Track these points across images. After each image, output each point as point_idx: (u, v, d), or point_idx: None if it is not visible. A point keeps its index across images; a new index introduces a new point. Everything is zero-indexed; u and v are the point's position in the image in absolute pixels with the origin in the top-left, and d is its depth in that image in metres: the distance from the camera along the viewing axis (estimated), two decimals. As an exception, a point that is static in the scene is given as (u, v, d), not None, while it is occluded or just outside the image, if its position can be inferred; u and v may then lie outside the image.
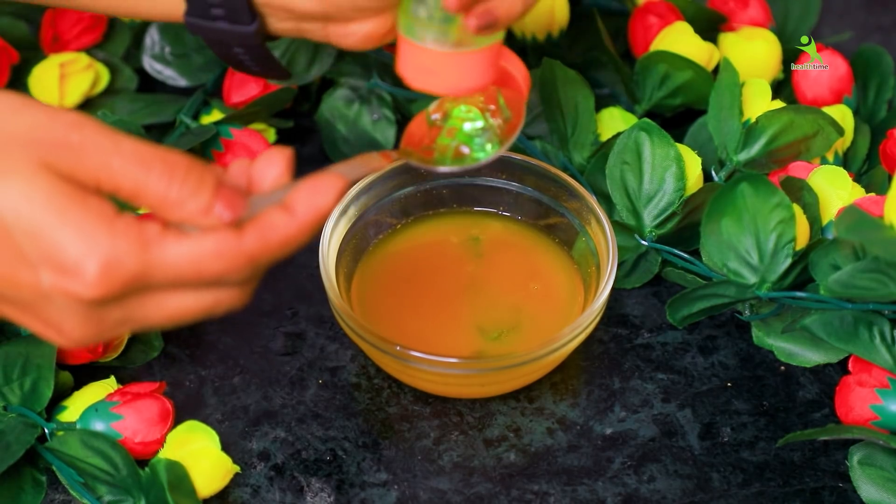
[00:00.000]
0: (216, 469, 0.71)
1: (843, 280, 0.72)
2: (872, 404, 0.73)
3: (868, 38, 0.97)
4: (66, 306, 0.56)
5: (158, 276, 0.56)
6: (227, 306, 0.59)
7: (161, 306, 0.58)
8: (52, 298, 0.56)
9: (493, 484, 0.73)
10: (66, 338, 0.58)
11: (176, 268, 0.56)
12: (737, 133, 0.81)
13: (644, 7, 0.88)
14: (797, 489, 0.73)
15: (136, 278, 0.55)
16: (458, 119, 0.71)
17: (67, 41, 0.90)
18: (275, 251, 0.58)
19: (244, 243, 0.57)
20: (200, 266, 0.56)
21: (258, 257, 0.57)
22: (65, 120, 0.56)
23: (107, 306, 0.56)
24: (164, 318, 0.58)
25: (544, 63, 0.83)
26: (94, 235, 0.55)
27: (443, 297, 0.78)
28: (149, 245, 0.55)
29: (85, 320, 0.57)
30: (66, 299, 0.56)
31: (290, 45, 0.88)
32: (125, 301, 0.57)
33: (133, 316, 0.57)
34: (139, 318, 0.58)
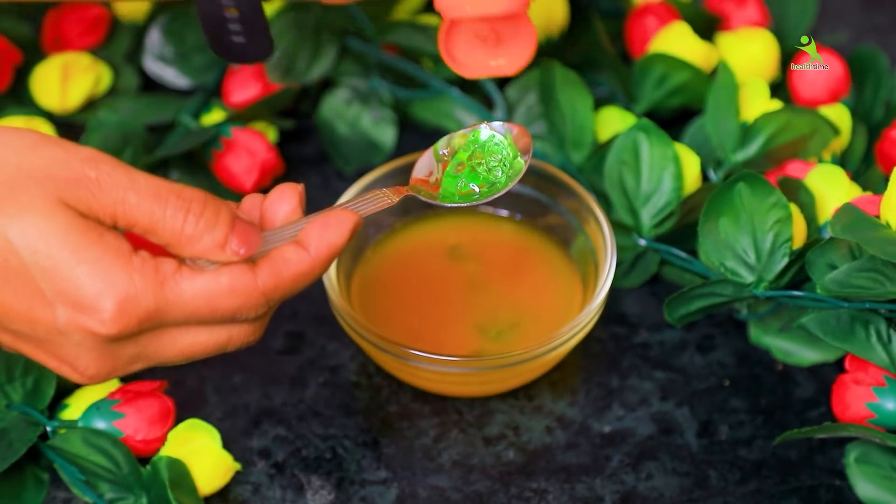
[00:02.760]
0: (217, 467, 0.71)
1: (840, 279, 0.72)
2: (869, 402, 0.73)
3: (864, 39, 0.98)
4: (81, 343, 0.56)
5: (174, 313, 0.56)
6: (240, 342, 0.59)
7: (175, 342, 0.58)
8: (68, 335, 0.56)
9: (493, 482, 0.73)
10: (81, 374, 0.58)
11: (191, 305, 0.56)
12: (734, 133, 0.81)
13: (642, 8, 0.88)
14: (794, 487, 0.73)
15: (151, 315, 0.56)
16: (465, 155, 0.71)
17: (69, 41, 0.90)
18: (288, 287, 0.58)
19: (258, 280, 0.57)
20: (215, 303, 0.56)
21: (272, 293, 0.58)
22: (81, 156, 0.56)
23: (122, 343, 0.57)
24: (177, 353, 0.58)
25: (543, 64, 0.83)
26: (111, 272, 0.55)
27: (442, 296, 0.78)
28: (165, 282, 0.56)
29: (100, 357, 0.57)
30: (81, 335, 0.56)
31: (290, 44, 0.88)
32: (140, 338, 0.57)
33: (147, 352, 0.58)
34: (152, 354, 0.58)
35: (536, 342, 0.72)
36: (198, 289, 0.56)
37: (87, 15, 0.90)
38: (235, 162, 0.84)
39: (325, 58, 0.88)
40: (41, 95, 0.88)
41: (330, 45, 0.88)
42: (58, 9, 0.91)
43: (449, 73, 0.88)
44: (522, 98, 0.87)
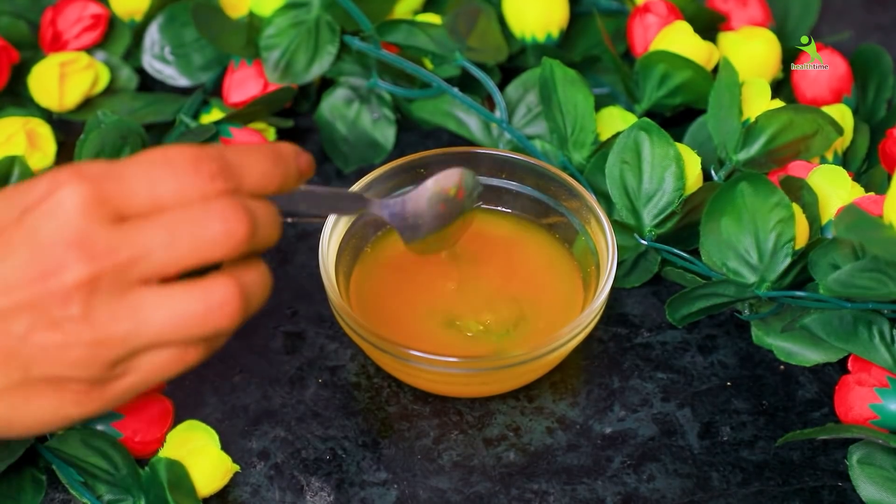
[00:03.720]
0: (216, 468, 0.71)
1: (843, 279, 0.72)
2: (872, 403, 0.73)
3: (867, 38, 0.97)
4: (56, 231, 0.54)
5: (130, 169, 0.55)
6: (220, 299, 0.56)
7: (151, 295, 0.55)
8: (39, 231, 0.54)
9: (493, 483, 0.73)
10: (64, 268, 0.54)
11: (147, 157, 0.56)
12: (736, 132, 0.81)
13: (643, 6, 0.88)
14: (796, 488, 0.73)
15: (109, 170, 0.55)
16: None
17: (67, 41, 0.90)
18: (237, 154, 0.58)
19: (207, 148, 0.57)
20: (169, 153, 0.56)
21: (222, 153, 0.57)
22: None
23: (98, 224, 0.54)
24: (163, 233, 0.55)
25: (544, 63, 0.83)
26: (60, 167, 0.56)
27: (442, 296, 0.78)
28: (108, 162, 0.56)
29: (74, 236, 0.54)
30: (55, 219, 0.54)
31: (290, 43, 0.88)
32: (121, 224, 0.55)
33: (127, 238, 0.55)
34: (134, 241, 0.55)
35: (537, 343, 0.72)
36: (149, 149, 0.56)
37: (85, 14, 0.90)
38: (234, 161, 0.83)
39: (324, 57, 0.88)
40: (39, 94, 0.88)
41: (329, 45, 0.88)
42: (56, 7, 0.90)
43: (449, 73, 0.88)
44: (523, 97, 0.87)
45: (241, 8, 0.91)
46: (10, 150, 0.83)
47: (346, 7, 0.87)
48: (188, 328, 0.56)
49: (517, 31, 0.91)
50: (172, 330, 0.56)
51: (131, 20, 0.93)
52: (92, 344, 0.55)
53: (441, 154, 0.81)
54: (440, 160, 0.80)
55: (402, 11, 0.91)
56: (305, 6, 0.89)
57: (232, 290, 0.56)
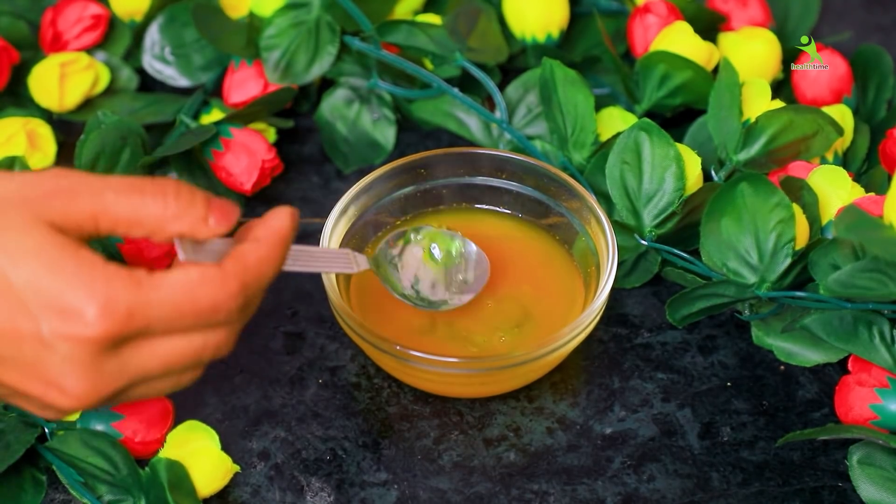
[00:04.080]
0: (216, 469, 0.71)
1: (843, 280, 0.72)
2: (872, 404, 0.73)
3: (867, 38, 0.97)
4: (67, 355, 0.57)
5: (156, 310, 0.58)
6: (215, 349, 0.60)
7: (155, 352, 0.59)
8: (54, 347, 0.57)
9: (493, 483, 0.73)
10: (67, 395, 0.58)
11: (173, 300, 0.58)
12: (736, 133, 0.81)
13: (644, 7, 0.88)
14: (797, 489, 0.73)
15: (133, 313, 0.57)
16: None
17: (67, 41, 0.90)
18: (254, 274, 0.60)
19: (226, 269, 0.59)
20: (193, 293, 0.58)
21: (242, 278, 0.59)
22: (51, 172, 0.58)
23: (106, 355, 0.57)
24: (158, 365, 0.59)
25: (544, 63, 0.83)
26: (90, 279, 0.56)
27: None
28: (141, 282, 0.57)
29: (85, 372, 0.57)
30: (68, 346, 0.57)
31: (290, 44, 0.88)
32: (122, 350, 0.58)
33: (129, 366, 0.58)
34: (135, 370, 0.59)
35: (537, 343, 0.72)
36: (173, 282, 0.58)
37: (85, 15, 0.90)
38: (235, 162, 0.84)
39: (324, 58, 0.88)
40: (39, 95, 0.88)
41: (330, 45, 0.88)
42: (56, 8, 0.90)
43: (449, 73, 0.88)
44: (523, 98, 0.87)
45: (241, 8, 0.91)
46: (11, 151, 0.83)
47: (347, 7, 0.87)
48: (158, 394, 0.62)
49: (517, 31, 0.91)
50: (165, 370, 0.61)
51: (131, 20, 0.93)
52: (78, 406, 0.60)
53: (441, 154, 0.81)
54: (440, 161, 0.81)
55: (402, 12, 0.91)
56: (306, 6, 0.89)
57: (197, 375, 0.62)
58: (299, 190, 0.88)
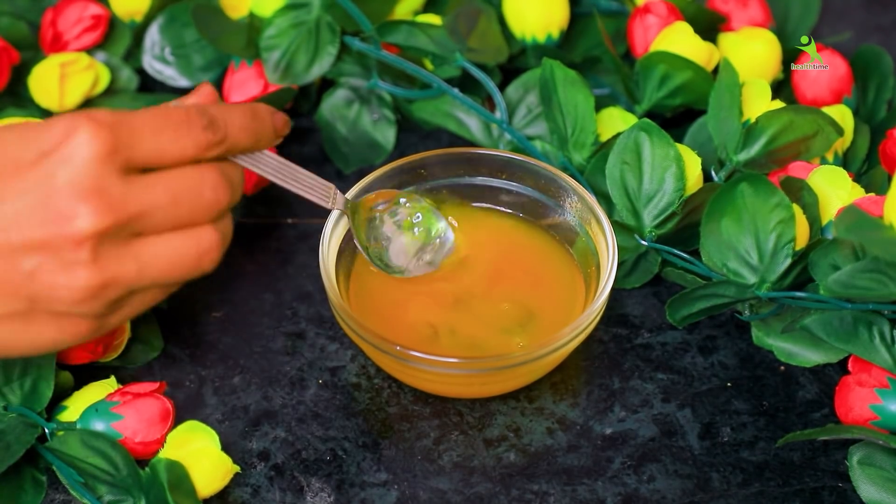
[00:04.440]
0: (216, 469, 0.71)
1: (843, 280, 0.72)
2: (872, 404, 0.73)
3: (867, 38, 0.97)
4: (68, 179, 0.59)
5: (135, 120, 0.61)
6: (212, 182, 0.63)
7: (158, 178, 0.62)
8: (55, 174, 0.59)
9: (493, 484, 0.73)
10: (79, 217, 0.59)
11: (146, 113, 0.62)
12: (736, 133, 0.81)
13: (644, 7, 0.88)
14: (797, 489, 0.73)
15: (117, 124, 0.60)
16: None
17: (68, 41, 0.90)
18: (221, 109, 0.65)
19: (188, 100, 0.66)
20: (165, 109, 0.62)
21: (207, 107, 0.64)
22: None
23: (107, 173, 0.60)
24: (163, 191, 0.62)
25: (544, 63, 0.83)
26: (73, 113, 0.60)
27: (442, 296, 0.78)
28: (116, 110, 0.61)
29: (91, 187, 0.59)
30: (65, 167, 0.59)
31: (290, 44, 0.88)
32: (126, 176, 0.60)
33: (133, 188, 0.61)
34: (140, 192, 0.61)
35: (537, 343, 0.72)
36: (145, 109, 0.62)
37: (85, 15, 0.90)
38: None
39: (324, 58, 0.88)
40: (39, 95, 0.88)
41: (330, 46, 0.88)
42: (56, 8, 0.90)
43: (449, 73, 0.88)
44: (523, 98, 0.87)
45: (241, 9, 0.91)
46: (11, 151, 0.83)
47: (347, 8, 0.87)
48: (182, 271, 0.64)
49: (517, 31, 0.91)
50: (169, 273, 0.64)
51: (132, 21, 0.93)
52: (98, 286, 0.61)
53: (441, 154, 0.81)
54: (440, 161, 0.81)
55: (402, 12, 0.91)
56: (306, 7, 0.89)
57: (217, 238, 0.65)
58: (299, 190, 0.88)
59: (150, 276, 0.63)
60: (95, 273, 0.61)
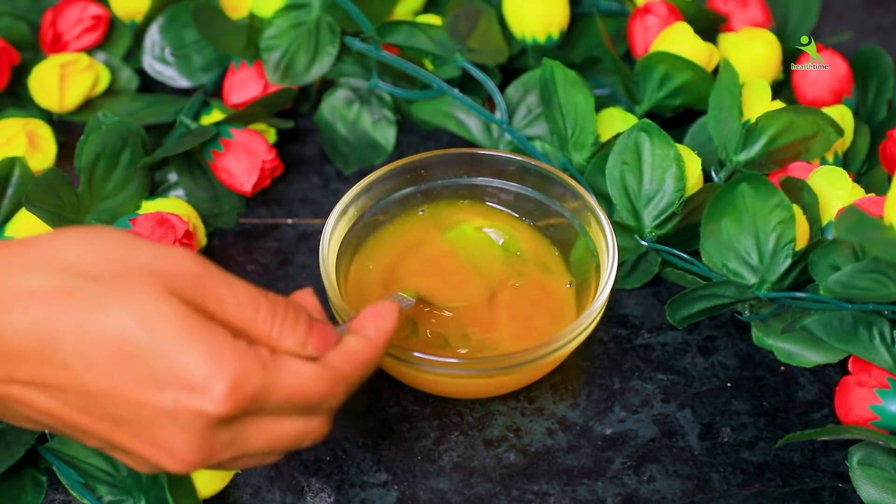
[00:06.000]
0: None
1: (843, 280, 0.72)
2: (872, 404, 0.73)
3: (867, 39, 0.98)
4: (186, 425, 0.57)
5: (273, 395, 0.59)
6: (314, 436, 0.62)
7: (264, 431, 0.60)
8: (176, 417, 0.57)
9: (493, 484, 0.73)
10: (177, 460, 0.59)
11: (288, 387, 0.59)
12: (737, 133, 0.81)
13: (644, 8, 0.88)
14: (797, 489, 0.73)
15: (258, 395, 0.58)
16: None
17: (68, 42, 0.90)
18: (359, 373, 0.62)
19: (338, 369, 0.61)
20: (307, 386, 0.60)
21: (349, 378, 0.61)
22: (181, 252, 0.59)
23: (223, 427, 0.58)
24: (263, 443, 0.60)
25: (544, 63, 0.83)
26: (221, 354, 0.57)
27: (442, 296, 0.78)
28: (267, 365, 0.59)
29: (200, 441, 0.58)
30: (189, 417, 0.57)
31: (291, 44, 0.88)
32: (237, 423, 0.59)
33: (239, 439, 0.59)
34: (243, 443, 0.60)
35: (537, 344, 0.72)
36: (292, 373, 0.59)
37: (85, 15, 0.90)
38: (235, 163, 0.84)
39: (324, 58, 0.88)
40: (39, 95, 0.88)
41: (330, 46, 0.88)
42: (56, 8, 0.90)
43: (449, 74, 0.88)
44: (523, 98, 0.87)
45: (241, 9, 0.91)
46: (11, 151, 0.83)
47: (347, 8, 0.87)
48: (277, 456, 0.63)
49: (517, 32, 0.91)
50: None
51: (132, 21, 0.93)
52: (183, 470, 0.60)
53: (441, 155, 0.81)
54: (440, 161, 0.81)
55: (402, 12, 0.91)
56: (306, 7, 0.89)
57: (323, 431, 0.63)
58: (299, 191, 0.88)
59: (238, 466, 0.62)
60: (180, 467, 0.60)
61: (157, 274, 0.58)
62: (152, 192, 0.84)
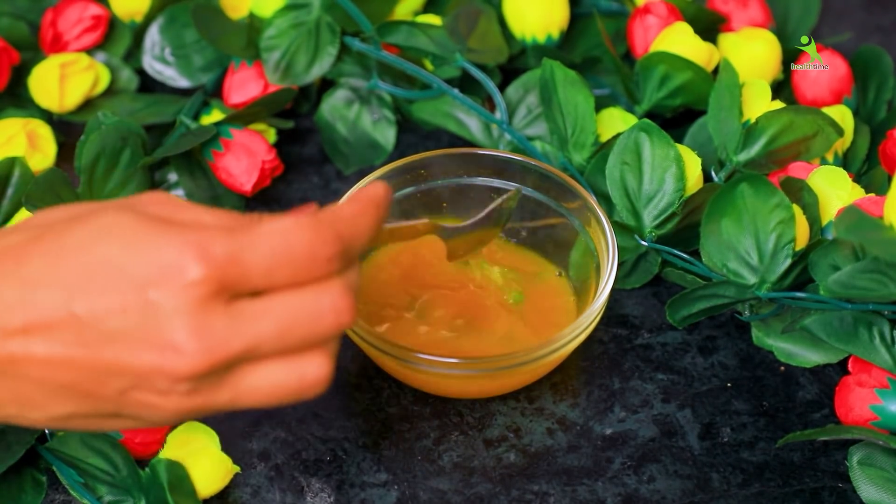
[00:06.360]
0: (216, 469, 0.71)
1: (843, 280, 0.72)
2: (872, 405, 0.73)
3: (868, 39, 0.97)
4: (175, 311, 0.55)
5: (251, 254, 0.56)
6: (333, 312, 0.57)
7: (268, 308, 0.57)
8: (162, 307, 0.55)
9: (493, 484, 0.73)
10: (183, 355, 0.56)
11: (267, 244, 0.56)
12: (736, 133, 0.81)
13: (644, 7, 0.88)
14: (797, 489, 0.73)
15: (231, 257, 0.56)
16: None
17: (68, 42, 0.90)
18: (347, 225, 0.58)
19: (320, 216, 0.58)
20: (289, 237, 0.57)
21: (335, 229, 0.58)
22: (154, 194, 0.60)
23: (213, 307, 0.56)
24: (273, 323, 0.57)
25: (544, 63, 0.83)
26: (182, 232, 0.56)
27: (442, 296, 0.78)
28: (234, 229, 0.57)
29: (196, 324, 0.56)
30: (174, 302, 0.55)
31: (290, 44, 0.88)
32: (231, 305, 0.56)
33: (239, 323, 0.56)
34: (248, 324, 0.56)
35: (537, 344, 0.72)
36: (266, 228, 0.57)
37: (85, 15, 0.90)
38: (235, 163, 0.84)
39: (324, 58, 0.88)
40: (39, 95, 0.88)
41: (330, 46, 0.88)
42: (56, 8, 0.90)
43: (449, 74, 0.88)
44: (523, 98, 0.87)
45: (241, 9, 0.91)
46: (11, 152, 0.83)
47: (347, 8, 0.87)
48: (279, 402, 0.58)
49: (517, 32, 0.91)
50: (265, 403, 0.58)
51: (132, 21, 0.93)
52: (188, 411, 0.58)
53: (441, 155, 0.81)
54: (440, 161, 0.81)
55: (402, 12, 0.91)
56: (306, 7, 0.89)
57: (326, 371, 0.58)
58: (299, 191, 0.88)
59: (243, 404, 0.59)
60: (187, 401, 0.57)
61: (119, 203, 0.58)
62: (152, 192, 0.84)
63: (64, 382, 0.57)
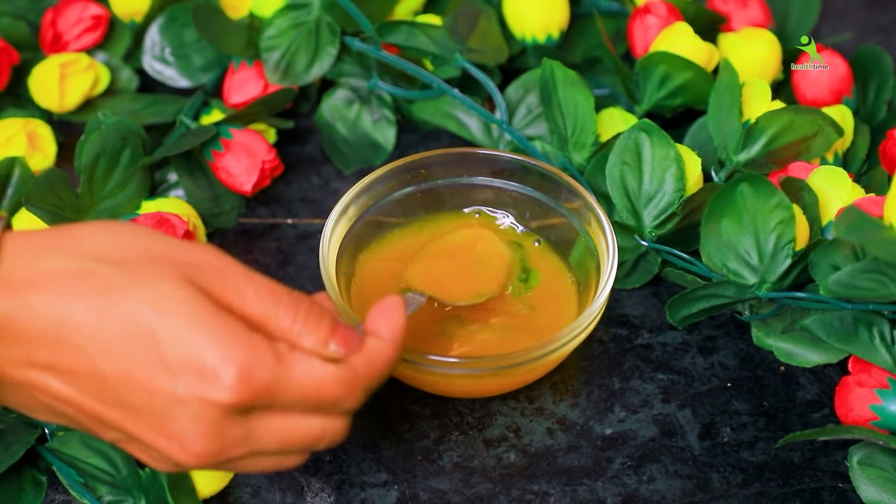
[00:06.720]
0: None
1: (843, 280, 0.72)
2: (872, 404, 0.73)
3: (867, 39, 0.97)
4: (196, 414, 0.57)
5: (286, 390, 0.58)
6: (331, 438, 0.61)
7: (277, 429, 0.59)
8: (186, 405, 0.57)
9: (493, 484, 0.73)
10: (188, 452, 0.58)
11: (301, 385, 0.59)
12: (736, 133, 0.81)
13: (644, 7, 0.88)
14: (797, 489, 0.73)
15: (268, 388, 0.58)
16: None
17: (68, 42, 0.90)
18: (378, 375, 0.62)
19: (357, 371, 0.60)
20: (322, 387, 0.59)
21: (368, 382, 0.61)
22: (202, 246, 0.60)
23: (234, 419, 0.58)
24: (277, 442, 0.60)
25: (544, 63, 0.83)
26: (233, 343, 0.57)
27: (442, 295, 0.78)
28: (281, 359, 0.58)
29: (210, 433, 0.58)
30: (199, 406, 0.57)
31: (290, 44, 0.88)
32: (249, 417, 0.58)
33: (251, 436, 0.59)
34: (255, 439, 0.59)
35: (537, 343, 0.72)
36: (308, 371, 0.59)
37: (85, 15, 0.90)
38: (235, 162, 0.84)
39: (324, 58, 0.88)
40: (39, 95, 0.88)
41: (330, 46, 0.88)
42: (56, 8, 0.90)
43: (449, 74, 0.88)
44: (523, 98, 0.87)
45: (241, 9, 0.91)
46: (11, 151, 0.83)
47: (347, 8, 0.87)
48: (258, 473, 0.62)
49: (517, 32, 0.91)
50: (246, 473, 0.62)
51: (132, 21, 0.93)
52: (193, 466, 0.60)
53: (441, 155, 0.81)
54: (440, 161, 0.81)
55: (402, 12, 0.91)
56: (306, 7, 0.89)
57: (302, 460, 0.62)
58: (299, 191, 0.88)
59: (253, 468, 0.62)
60: (177, 469, 0.60)
61: (177, 262, 0.58)
62: (152, 192, 0.84)
63: (68, 414, 0.59)
